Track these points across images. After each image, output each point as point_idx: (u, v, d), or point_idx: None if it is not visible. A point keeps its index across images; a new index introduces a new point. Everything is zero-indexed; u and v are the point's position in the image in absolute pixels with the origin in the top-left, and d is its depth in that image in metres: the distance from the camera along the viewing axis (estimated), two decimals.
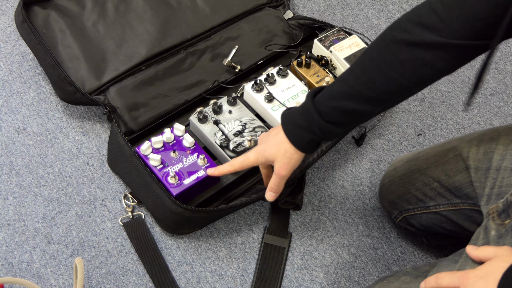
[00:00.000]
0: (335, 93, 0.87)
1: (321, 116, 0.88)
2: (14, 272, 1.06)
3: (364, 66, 0.85)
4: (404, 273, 0.94)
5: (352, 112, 0.87)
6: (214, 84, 1.25)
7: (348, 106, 0.86)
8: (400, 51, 0.80)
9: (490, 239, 0.82)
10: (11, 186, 1.15)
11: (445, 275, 0.77)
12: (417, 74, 0.82)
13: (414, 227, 1.11)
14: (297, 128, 0.91)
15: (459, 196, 0.99)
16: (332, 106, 0.87)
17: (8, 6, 1.40)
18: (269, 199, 1.01)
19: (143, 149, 1.08)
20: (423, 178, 1.04)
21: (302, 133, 0.91)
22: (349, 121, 0.89)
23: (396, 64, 0.81)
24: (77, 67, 1.21)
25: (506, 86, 1.46)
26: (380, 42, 0.84)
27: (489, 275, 0.72)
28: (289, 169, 0.96)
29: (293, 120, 0.92)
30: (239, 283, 1.09)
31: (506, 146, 0.91)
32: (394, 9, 1.58)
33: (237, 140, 1.12)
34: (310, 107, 0.89)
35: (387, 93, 0.85)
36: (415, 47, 0.79)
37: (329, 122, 0.88)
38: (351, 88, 0.86)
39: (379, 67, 0.83)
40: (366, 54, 0.86)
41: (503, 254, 0.74)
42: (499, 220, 0.83)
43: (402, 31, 0.80)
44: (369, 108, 0.87)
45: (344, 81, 0.87)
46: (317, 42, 1.27)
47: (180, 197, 1.05)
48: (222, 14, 1.34)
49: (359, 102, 0.86)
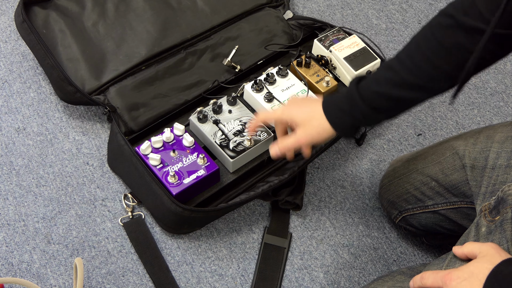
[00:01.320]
0: (380, 79, 0.88)
1: (364, 101, 0.88)
2: (14, 272, 1.06)
3: (410, 53, 0.86)
4: (399, 273, 0.94)
5: (397, 98, 0.87)
6: (214, 84, 1.25)
7: (393, 92, 0.86)
8: (445, 36, 0.81)
9: (480, 236, 0.82)
10: (11, 186, 1.15)
11: (429, 274, 0.76)
12: (461, 60, 0.82)
13: (413, 227, 1.11)
14: (339, 110, 0.91)
15: (457, 194, 0.99)
16: (377, 92, 0.87)
17: (8, 6, 1.40)
18: (272, 153, 0.98)
19: (143, 149, 1.08)
20: (421, 177, 1.04)
21: (343, 115, 0.91)
22: (392, 108, 0.90)
23: (441, 50, 0.82)
24: (77, 67, 1.21)
25: (506, 86, 1.46)
26: (426, 29, 0.85)
27: (473, 276, 0.70)
28: (311, 141, 0.94)
29: (335, 102, 0.92)
30: (239, 283, 1.09)
31: (501, 144, 0.91)
32: (394, 9, 1.58)
33: (237, 140, 1.12)
34: (354, 93, 0.89)
35: (432, 80, 0.85)
36: (457, 31, 0.80)
37: (371, 107, 0.88)
38: (396, 74, 0.86)
39: (424, 53, 0.84)
40: (412, 41, 0.87)
41: (488, 253, 0.73)
42: (490, 217, 0.83)
43: (446, 16, 0.82)
44: (414, 95, 0.87)
45: (389, 67, 0.88)
46: (317, 42, 1.27)
47: (179, 196, 1.05)
48: (222, 14, 1.34)
49: (405, 89, 0.86)
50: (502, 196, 0.82)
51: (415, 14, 1.57)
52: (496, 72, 1.49)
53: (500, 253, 0.73)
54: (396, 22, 1.55)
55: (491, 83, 1.46)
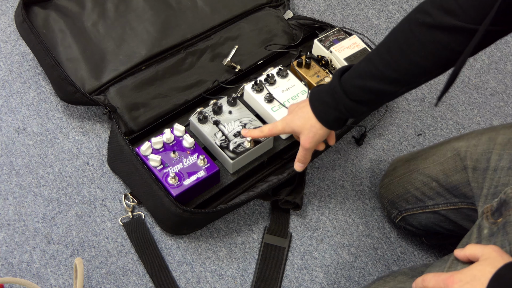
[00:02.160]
0: (361, 73, 0.90)
1: (347, 94, 0.91)
2: (14, 272, 1.06)
3: (389, 47, 0.88)
4: (400, 273, 0.94)
5: (377, 91, 0.90)
6: (214, 84, 1.25)
7: (373, 85, 0.89)
8: (422, 33, 0.83)
9: (483, 238, 0.82)
10: (11, 186, 1.15)
11: (431, 277, 0.76)
12: (437, 56, 0.84)
13: (413, 227, 1.11)
14: (324, 105, 0.95)
15: (457, 195, 0.99)
16: (358, 85, 0.90)
17: (8, 6, 1.40)
18: (297, 169, 1.07)
19: (143, 150, 1.08)
20: (421, 177, 1.04)
21: (328, 111, 0.95)
22: (373, 100, 0.93)
23: (418, 46, 0.84)
24: (77, 67, 1.21)
25: (506, 86, 1.46)
26: (404, 24, 0.87)
27: (476, 280, 0.70)
28: (314, 142, 1.00)
29: (320, 97, 0.95)
30: (239, 283, 1.10)
31: (503, 146, 0.91)
32: (394, 9, 1.58)
33: (237, 141, 1.12)
34: (336, 85, 0.92)
35: (409, 74, 0.87)
36: (435, 30, 0.82)
37: (354, 100, 0.91)
38: (376, 68, 0.88)
39: (402, 48, 0.86)
40: (391, 35, 0.89)
41: (490, 256, 0.73)
42: (492, 219, 0.83)
43: (424, 14, 0.83)
44: (393, 88, 0.90)
45: (370, 60, 0.90)
46: (317, 42, 1.27)
47: (180, 197, 1.05)
48: (222, 14, 1.34)
49: (384, 82, 0.89)
50: (505, 199, 0.82)
51: None
52: (496, 72, 1.49)
53: (503, 256, 0.73)
54: (396, 22, 1.54)
55: (491, 83, 1.46)
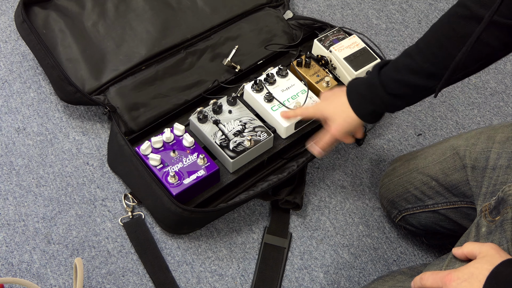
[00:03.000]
0: (399, 66, 0.91)
1: (384, 88, 0.92)
2: (14, 272, 1.06)
3: (428, 41, 0.88)
4: (399, 273, 0.95)
5: (414, 86, 0.91)
6: (214, 84, 1.25)
7: (410, 80, 0.90)
8: (460, 26, 0.84)
9: (481, 236, 0.82)
10: (11, 186, 1.15)
11: (429, 275, 0.76)
12: (474, 50, 0.84)
13: (413, 227, 1.11)
14: (361, 97, 0.96)
15: (457, 194, 0.99)
16: (395, 79, 0.91)
17: (8, 6, 1.40)
18: (314, 152, 1.06)
19: (143, 149, 1.08)
20: (421, 177, 1.04)
21: (365, 104, 0.95)
22: (410, 95, 0.93)
23: (456, 39, 0.85)
24: (77, 67, 1.21)
25: (506, 86, 1.46)
26: (444, 18, 0.87)
27: (473, 277, 0.70)
28: (344, 132, 1.01)
29: (358, 89, 0.96)
30: (239, 283, 1.10)
31: (502, 145, 0.91)
32: (394, 9, 1.58)
33: (237, 140, 1.12)
34: (375, 78, 0.92)
35: (447, 68, 0.87)
36: (473, 22, 0.82)
37: (391, 94, 0.92)
38: (414, 62, 0.89)
39: (441, 42, 0.86)
40: (431, 29, 0.89)
41: (488, 253, 0.73)
42: (490, 217, 0.83)
43: (463, 7, 0.84)
44: (430, 83, 0.90)
45: (408, 54, 0.91)
46: (317, 42, 1.27)
47: (180, 196, 1.05)
48: (222, 14, 1.34)
49: (421, 76, 0.89)
50: (503, 197, 0.82)
51: (415, 14, 1.57)
52: (496, 72, 1.49)
53: (500, 254, 0.73)
54: (396, 22, 1.55)
55: (491, 83, 1.46)
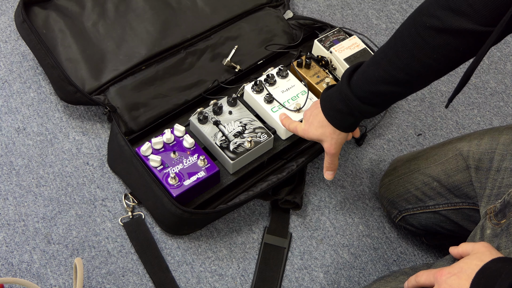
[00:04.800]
0: (371, 78, 0.92)
1: (360, 100, 0.93)
2: (14, 272, 1.06)
3: (397, 51, 0.88)
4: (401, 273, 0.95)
5: (390, 94, 0.92)
6: (214, 84, 1.25)
7: (386, 89, 0.91)
8: (431, 37, 0.83)
9: (485, 238, 0.83)
10: (11, 186, 1.15)
11: (423, 273, 0.79)
12: (449, 58, 0.85)
13: (413, 227, 1.11)
14: (338, 113, 0.97)
15: (459, 195, 0.99)
16: (370, 91, 0.92)
17: (8, 6, 1.40)
18: (329, 178, 1.08)
19: (143, 150, 1.08)
20: (422, 177, 1.04)
21: (344, 117, 0.97)
22: (387, 101, 0.95)
23: (429, 49, 0.85)
24: (77, 67, 1.21)
25: (506, 86, 1.46)
26: (410, 27, 0.86)
27: (462, 272, 0.74)
28: (338, 147, 1.03)
29: (333, 105, 0.97)
30: (239, 283, 1.10)
31: (506, 146, 0.91)
32: (394, 9, 1.58)
33: (237, 141, 1.12)
34: (348, 93, 0.93)
35: (421, 76, 0.89)
36: (445, 34, 0.82)
37: (368, 104, 0.93)
38: (386, 73, 0.89)
39: (413, 53, 0.86)
40: (398, 39, 0.89)
41: (479, 251, 0.76)
42: (496, 220, 0.84)
43: (431, 17, 0.82)
44: (405, 89, 0.92)
45: (378, 65, 0.91)
46: (317, 42, 1.27)
47: (180, 198, 1.05)
48: (222, 14, 1.34)
49: (396, 85, 0.90)
50: (509, 200, 0.83)
51: None
52: (496, 72, 1.49)
53: (491, 252, 0.76)
54: (396, 22, 1.55)
55: (491, 83, 1.46)
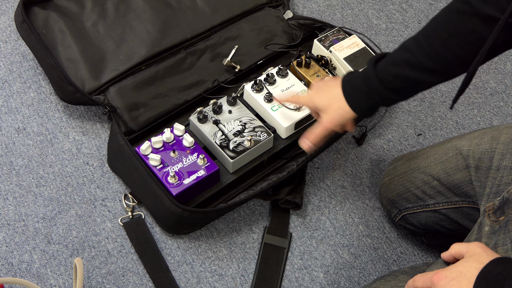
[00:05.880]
0: (397, 61, 0.90)
1: (382, 82, 0.90)
2: (14, 272, 1.06)
3: (428, 36, 0.87)
4: (401, 273, 0.95)
5: (413, 80, 0.89)
6: (214, 84, 1.25)
7: (409, 74, 0.89)
8: (461, 22, 0.83)
9: (483, 235, 0.83)
10: (11, 186, 1.15)
11: (419, 277, 0.77)
12: (476, 47, 0.83)
13: (413, 226, 1.11)
14: (357, 91, 0.94)
15: (459, 194, 0.99)
16: (393, 73, 0.89)
17: (8, 6, 1.40)
18: (304, 147, 1.00)
19: (143, 149, 1.08)
20: (422, 176, 1.04)
21: (361, 97, 0.93)
22: (408, 89, 0.92)
23: (457, 35, 0.84)
24: (77, 67, 1.21)
25: (506, 86, 1.46)
26: (444, 13, 0.86)
27: (462, 276, 0.71)
28: (336, 124, 0.97)
29: (353, 83, 0.94)
30: (239, 283, 1.10)
31: (506, 145, 0.91)
32: (394, 9, 1.58)
33: (237, 140, 1.12)
34: (371, 72, 0.91)
35: (447, 64, 0.87)
36: (474, 18, 0.82)
37: (388, 89, 0.91)
38: (413, 57, 0.88)
39: (441, 38, 0.85)
40: (431, 24, 0.88)
41: (475, 252, 0.74)
42: (494, 217, 0.83)
43: (464, 3, 0.83)
44: (429, 78, 0.89)
45: (407, 49, 0.89)
46: (317, 42, 1.27)
47: (180, 197, 1.05)
48: (222, 14, 1.34)
49: (421, 71, 0.88)
50: (508, 197, 0.82)
51: (415, 14, 1.57)
52: (496, 72, 1.49)
53: (487, 252, 0.74)
54: (396, 22, 1.55)
55: (491, 83, 1.46)
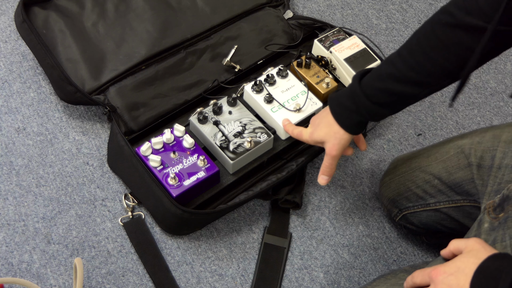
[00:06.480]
0: (382, 75, 0.90)
1: (368, 98, 0.91)
2: (14, 272, 1.06)
3: (411, 49, 0.88)
4: (401, 271, 0.95)
5: (398, 94, 0.90)
6: (214, 84, 1.25)
7: (395, 88, 0.89)
8: (445, 34, 0.83)
9: (482, 231, 0.83)
10: (11, 186, 1.15)
11: (418, 273, 0.78)
12: (461, 57, 0.84)
13: (414, 225, 1.11)
14: (345, 110, 0.95)
15: (460, 193, 0.99)
16: (379, 88, 0.90)
17: (8, 6, 1.40)
18: (322, 183, 1.05)
19: (143, 150, 1.08)
20: (423, 175, 1.04)
21: (350, 115, 0.94)
22: (395, 103, 0.93)
23: (441, 47, 0.84)
24: (77, 67, 1.21)
25: (506, 86, 1.46)
26: (427, 25, 0.87)
27: (460, 271, 0.71)
28: (340, 149, 0.99)
29: (341, 102, 0.95)
30: (239, 283, 1.10)
31: (508, 144, 0.92)
32: (394, 9, 1.58)
33: (237, 141, 1.12)
34: (356, 89, 0.92)
35: (432, 76, 0.88)
36: (457, 29, 0.82)
37: (376, 103, 0.91)
38: (398, 70, 0.88)
39: (425, 50, 0.86)
40: (413, 37, 0.88)
41: (473, 248, 0.74)
42: (494, 214, 0.84)
43: (447, 14, 0.83)
44: (415, 90, 0.90)
45: (391, 63, 0.90)
46: (317, 42, 1.27)
47: (180, 198, 1.05)
48: (222, 13, 1.34)
49: (406, 84, 0.89)
50: (508, 194, 0.83)
51: (415, 14, 1.57)
52: (496, 72, 1.49)
53: (485, 248, 0.74)
54: (396, 22, 1.55)
55: (491, 83, 1.46)
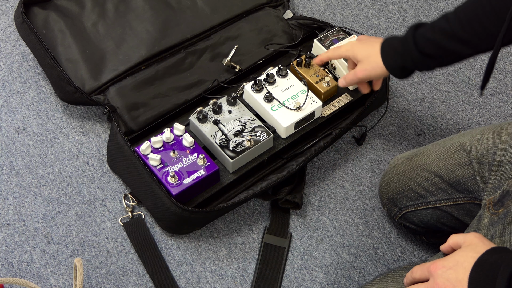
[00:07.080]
0: (435, 28, 0.96)
1: (416, 46, 0.97)
2: (14, 272, 1.06)
3: (466, 11, 0.93)
4: (401, 269, 0.96)
5: (445, 49, 0.96)
6: (214, 84, 1.25)
7: (443, 42, 0.95)
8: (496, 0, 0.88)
9: (481, 226, 0.83)
10: (11, 186, 1.15)
11: (417, 268, 0.78)
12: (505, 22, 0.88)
13: (414, 224, 1.11)
14: (392, 50, 1.03)
15: (460, 190, 0.99)
16: (428, 38, 0.96)
17: (8, 6, 1.40)
18: (340, 84, 1.15)
19: (143, 149, 1.08)
20: (424, 173, 1.04)
21: (395, 57, 1.02)
22: (440, 57, 0.98)
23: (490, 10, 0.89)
24: (76, 67, 1.22)
25: (506, 86, 1.46)
26: None
27: (459, 265, 0.72)
28: (367, 75, 1.08)
29: (392, 43, 1.03)
30: (239, 283, 1.10)
31: (509, 141, 0.92)
32: (394, 9, 1.58)
33: (236, 140, 1.12)
34: (409, 35, 0.99)
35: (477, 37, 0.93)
36: None
37: (422, 53, 0.97)
38: (450, 27, 0.95)
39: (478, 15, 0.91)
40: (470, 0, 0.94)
41: (472, 242, 0.74)
42: (494, 209, 0.84)
43: None
44: (459, 48, 0.96)
45: (445, 18, 0.96)
46: (317, 42, 1.27)
47: (179, 196, 1.05)
48: (222, 13, 1.35)
49: (455, 41, 0.95)
50: (508, 190, 0.83)
51: (415, 14, 1.57)
52: (496, 72, 1.49)
53: (484, 242, 0.74)
54: (396, 22, 1.55)
55: (491, 83, 1.46)
